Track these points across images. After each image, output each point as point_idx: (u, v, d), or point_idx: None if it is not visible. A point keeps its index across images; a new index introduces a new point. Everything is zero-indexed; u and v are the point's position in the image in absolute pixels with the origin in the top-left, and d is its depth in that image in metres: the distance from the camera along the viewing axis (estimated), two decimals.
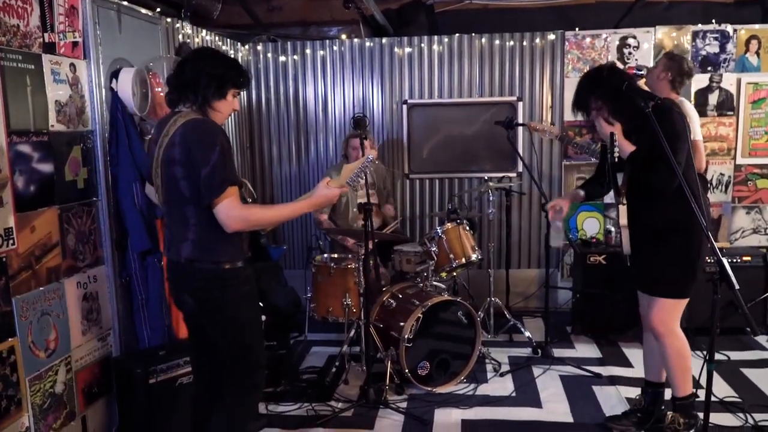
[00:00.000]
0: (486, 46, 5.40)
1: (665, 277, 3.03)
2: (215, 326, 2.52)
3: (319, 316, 4.23)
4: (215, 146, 2.32)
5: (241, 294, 2.51)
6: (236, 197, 2.37)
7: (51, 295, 2.91)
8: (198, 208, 2.38)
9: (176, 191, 2.40)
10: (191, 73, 2.43)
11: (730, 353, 4.29)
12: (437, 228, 4.27)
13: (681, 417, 3.15)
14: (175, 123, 2.39)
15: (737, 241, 5.34)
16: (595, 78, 3.06)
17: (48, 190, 2.89)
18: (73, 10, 3.06)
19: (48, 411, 2.88)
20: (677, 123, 2.87)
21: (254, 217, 2.44)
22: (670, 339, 3.05)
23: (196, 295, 2.51)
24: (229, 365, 2.57)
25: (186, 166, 2.34)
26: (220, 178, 2.31)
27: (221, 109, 2.50)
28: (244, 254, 2.53)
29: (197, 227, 2.42)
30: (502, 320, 4.74)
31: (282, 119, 5.68)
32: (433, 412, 3.58)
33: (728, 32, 5.16)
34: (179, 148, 2.35)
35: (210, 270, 2.44)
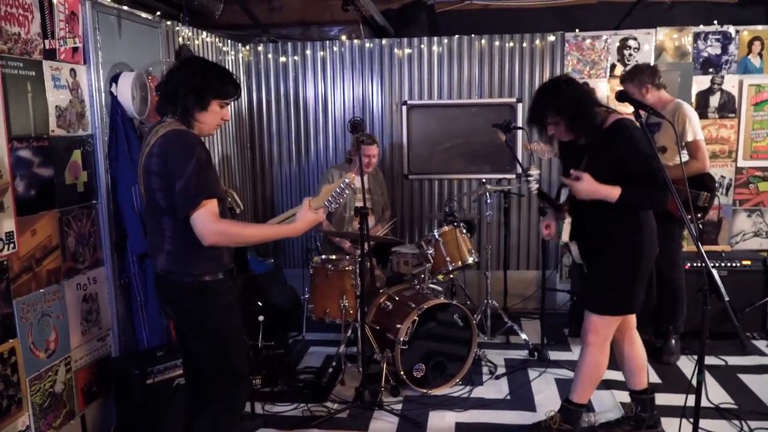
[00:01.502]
0: (486, 47, 5.41)
1: (606, 294, 3.05)
2: (195, 337, 2.53)
3: (317, 316, 4.26)
4: (191, 158, 2.30)
5: (220, 306, 2.49)
6: (212, 210, 2.33)
7: (51, 296, 2.96)
8: (174, 219, 2.36)
9: (154, 202, 2.39)
10: (172, 83, 2.42)
11: (728, 358, 4.30)
12: (434, 231, 4.30)
13: (561, 419, 3.22)
14: (156, 133, 2.39)
15: (738, 245, 5.34)
16: (552, 90, 2.98)
17: (48, 194, 2.93)
18: (73, 16, 3.10)
19: (48, 410, 2.93)
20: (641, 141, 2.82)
21: (230, 233, 2.39)
22: (593, 349, 3.09)
23: (174, 307, 2.53)
24: (209, 374, 2.57)
25: (162, 177, 2.33)
26: (195, 191, 2.29)
27: (204, 120, 2.47)
28: (224, 266, 2.51)
29: (173, 239, 2.41)
30: (500, 322, 4.77)
31: (282, 120, 5.72)
32: (427, 414, 3.62)
33: (730, 33, 5.16)
34: (156, 159, 2.34)
35: (187, 282, 2.43)
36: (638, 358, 3.24)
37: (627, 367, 3.29)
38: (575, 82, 3.00)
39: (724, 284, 4.43)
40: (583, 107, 2.89)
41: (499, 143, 4.51)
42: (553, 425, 3.23)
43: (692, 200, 4.07)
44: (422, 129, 5.61)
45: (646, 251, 2.97)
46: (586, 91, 3.00)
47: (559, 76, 3.09)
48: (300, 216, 2.53)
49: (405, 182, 5.65)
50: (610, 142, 2.88)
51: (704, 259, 2.21)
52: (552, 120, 2.96)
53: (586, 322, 3.10)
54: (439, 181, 5.64)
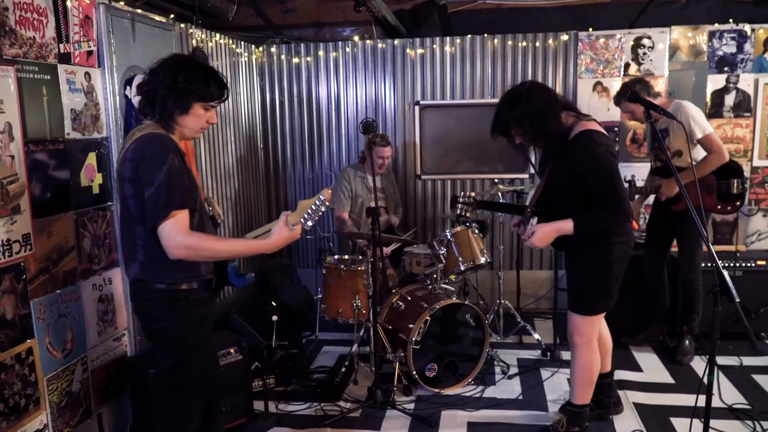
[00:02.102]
0: (498, 47, 5.41)
1: (573, 293, 3.12)
2: (161, 347, 2.47)
3: (330, 316, 4.29)
4: (163, 165, 2.18)
5: (190, 317, 2.39)
6: (181, 222, 2.21)
7: (67, 297, 3.00)
8: (144, 228, 2.26)
9: (126, 208, 2.31)
10: (152, 83, 2.30)
11: (743, 358, 4.27)
12: (446, 231, 4.30)
13: (567, 422, 3.23)
14: (132, 137, 2.30)
15: (753, 245, 5.29)
16: (511, 101, 2.91)
17: (64, 196, 2.98)
18: (87, 20, 3.14)
19: (65, 409, 2.98)
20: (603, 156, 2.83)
21: (199, 247, 2.25)
22: (582, 350, 3.13)
23: (142, 316, 2.46)
24: (166, 386, 2.50)
25: (134, 184, 2.24)
26: (165, 201, 2.17)
27: (186, 123, 2.35)
28: (200, 276, 2.42)
29: (144, 248, 2.31)
30: (512, 322, 4.77)
31: (295, 120, 5.75)
32: (439, 413, 3.63)
33: (746, 32, 5.11)
34: (129, 164, 2.24)
35: (159, 290, 2.34)
36: (604, 344, 3.35)
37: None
38: (537, 90, 2.91)
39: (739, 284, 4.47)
40: (542, 118, 2.83)
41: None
42: (561, 429, 3.24)
43: (726, 190, 4.07)
44: (435, 129, 5.61)
45: (617, 254, 2.98)
46: (550, 98, 2.90)
47: (522, 84, 2.97)
48: (275, 231, 2.34)
49: (417, 182, 5.66)
50: (572, 153, 2.88)
51: (715, 259, 2.20)
52: (514, 131, 2.95)
53: (569, 324, 3.15)
54: (451, 181, 5.64)
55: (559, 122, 2.87)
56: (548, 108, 2.85)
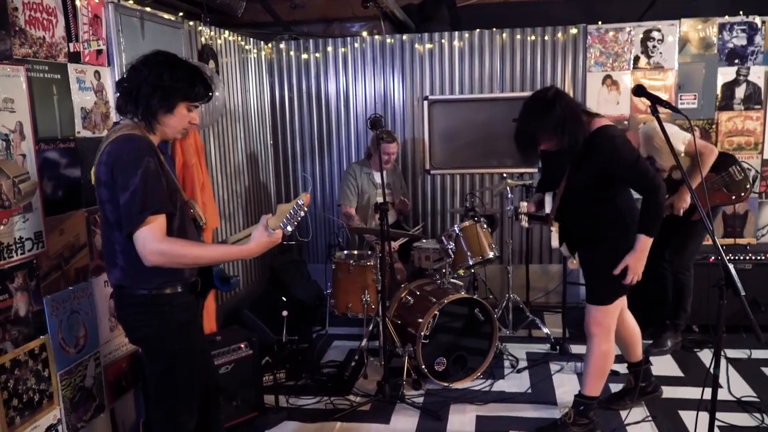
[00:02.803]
0: (507, 41, 5.40)
1: (590, 286, 3.18)
2: (145, 353, 2.43)
3: (339, 311, 4.32)
4: (138, 169, 2.09)
5: (174, 322, 2.33)
6: (157, 227, 2.12)
7: (80, 294, 3.04)
8: (122, 233, 2.17)
9: (103, 214, 2.24)
10: (134, 80, 2.20)
11: (752, 351, 4.26)
12: (455, 226, 4.32)
13: (575, 414, 3.27)
14: (108, 138, 2.21)
15: (764, 237, 5.26)
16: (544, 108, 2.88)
17: (75, 194, 3.01)
18: (96, 19, 3.18)
19: (78, 404, 3.02)
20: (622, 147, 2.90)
21: (176, 253, 2.14)
22: (599, 340, 3.17)
23: (126, 323, 2.39)
24: (153, 387, 2.45)
25: (110, 189, 2.15)
26: (140, 206, 2.09)
27: (169, 123, 2.27)
28: (184, 280, 2.34)
29: (123, 254, 2.23)
30: (522, 316, 4.78)
31: (304, 116, 5.77)
32: (448, 407, 3.65)
33: (756, 24, 5.07)
34: (104, 167, 2.15)
35: (142, 296, 2.26)
36: (632, 334, 3.43)
37: (622, 344, 3.46)
38: (562, 96, 2.92)
39: (750, 277, 4.49)
40: (571, 124, 2.85)
41: None
42: (568, 421, 3.26)
43: (730, 180, 4.14)
44: (443, 124, 5.62)
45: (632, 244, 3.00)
46: (573, 103, 2.96)
47: (545, 91, 2.95)
48: (255, 236, 2.21)
49: (426, 177, 5.67)
50: (591, 151, 2.91)
51: (720, 252, 2.20)
52: (542, 138, 2.96)
53: (587, 315, 3.19)
54: (460, 176, 5.65)
55: (584, 126, 2.90)
56: (574, 113, 2.88)
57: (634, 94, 2.60)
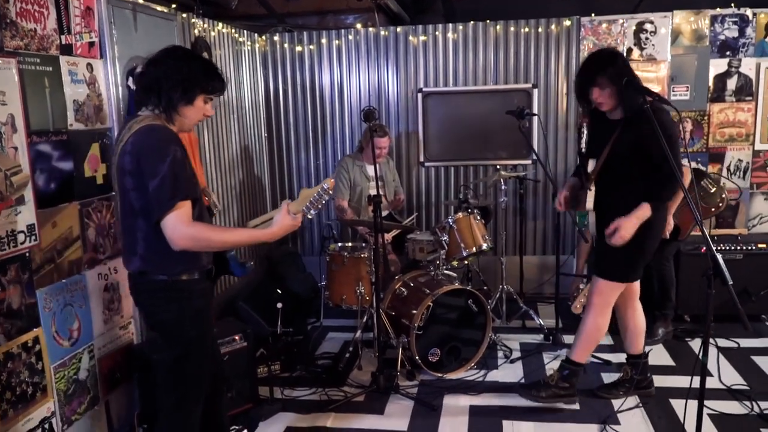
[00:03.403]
0: (501, 33, 5.40)
1: (611, 262, 3.24)
2: (162, 339, 2.47)
3: (334, 303, 4.34)
4: (166, 157, 2.18)
5: (191, 309, 2.41)
6: (185, 212, 2.21)
7: (73, 286, 3.05)
8: (147, 221, 2.26)
9: (127, 202, 2.30)
10: (156, 74, 2.30)
11: (741, 340, 4.30)
12: (448, 218, 4.33)
13: (559, 378, 3.42)
14: (130, 129, 2.28)
15: (755, 227, 5.29)
16: (609, 57, 3.09)
17: (68, 187, 3.01)
18: (88, 11, 3.17)
19: (72, 397, 3.03)
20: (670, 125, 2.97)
21: (203, 237, 2.26)
22: (596, 311, 3.29)
23: (145, 307, 2.48)
24: (163, 376, 2.51)
25: (136, 177, 2.23)
26: (170, 192, 2.17)
27: (188, 114, 2.37)
28: (201, 267, 2.42)
29: (145, 241, 2.31)
30: (515, 307, 4.80)
31: (299, 108, 5.77)
32: (442, 398, 3.67)
33: (747, 16, 5.08)
34: (129, 157, 2.23)
35: (160, 281, 2.34)
36: (639, 325, 3.51)
37: (627, 333, 3.54)
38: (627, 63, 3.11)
39: (741, 268, 4.52)
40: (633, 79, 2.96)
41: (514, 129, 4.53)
42: (551, 382, 3.41)
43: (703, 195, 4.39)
44: (438, 116, 5.62)
45: (655, 230, 3.14)
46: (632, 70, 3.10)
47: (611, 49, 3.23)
48: (277, 220, 2.37)
49: (421, 169, 5.68)
50: (640, 120, 2.94)
51: (708, 242, 2.22)
52: (601, 83, 3.05)
53: (592, 285, 3.32)
54: (454, 168, 5.66)
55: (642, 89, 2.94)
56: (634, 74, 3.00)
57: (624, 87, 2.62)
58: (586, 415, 3.42)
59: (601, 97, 3.10)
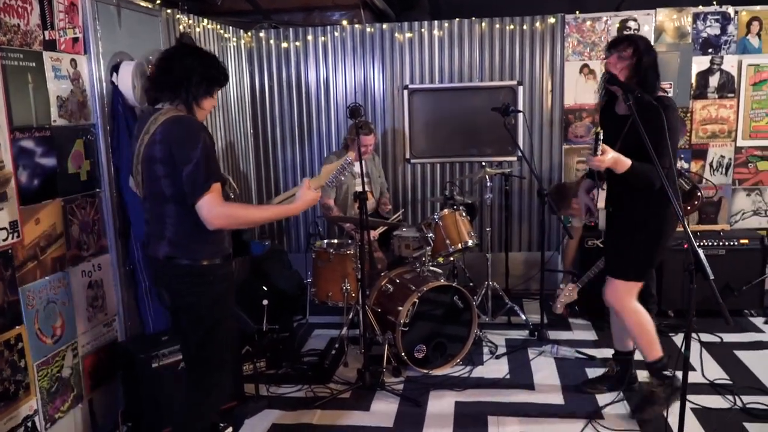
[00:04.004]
0: (486, 30, 5.41)
1: (626, 261, 3.22)
2: (189, 322, 2.58)
3: (319, 300, 4.34)
4: (197, 143, 2.34)
5: (216, 291, 2.54)
6: (218, 194, 2.38)
7: (56, 284, 3.03)
8: (177, 205, 2.41)
9: (157, 189, 2.44)
10: (182, 71, 2.45)
11: (725, 335, 4.35)
12: (434, 214, 4.34)
13: (655, 380, 3.31)
14: (156, 121, 2.42)
15: (737, 223, 5.36)
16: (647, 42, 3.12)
17: (51, 184, 2.99)
18: (72, 6, 3.14)
19: (55, 395, 3.01)
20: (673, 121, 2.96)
21: (237, 215, 2.47)
22: (627, 314, 3.26)
23: (171, 291, 2.58)
24: (194, 360, 2.63)
25: (167, 165, 2.37)
26: (205, 176, 2.33)
27: (206, 106, 2.56)
28: (224, 251, 2.57)
29: (174, 226, 2.46)
30: (501, 303, 4.83)
31: (284, 105, 5.75)
32: (428, 394, 3.69)
33: (729, 14, 5.14)
34: (160, 146, 2.38)
35: (187, 266, 2.48)
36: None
37: (615, 330, 3.56)
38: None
39: (723, 263, 4.57)
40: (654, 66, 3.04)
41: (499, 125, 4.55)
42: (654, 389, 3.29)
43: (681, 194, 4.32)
44: (423, 113, 5.63)
45: (669, 227, 3.12)
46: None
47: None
48: (300, 195, 2.62)
49: (407, 166, 5.69)
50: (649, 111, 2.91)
51: (690, 238, 2.24)
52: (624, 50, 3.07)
53: (611, 290, 3.27)
54: (440, 165, 5.67)
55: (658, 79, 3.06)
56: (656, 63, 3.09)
57: (606, 83, 2.64)
58: (571, 410, 3.44)
59: (615, 67, 3.08)
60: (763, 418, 3.28)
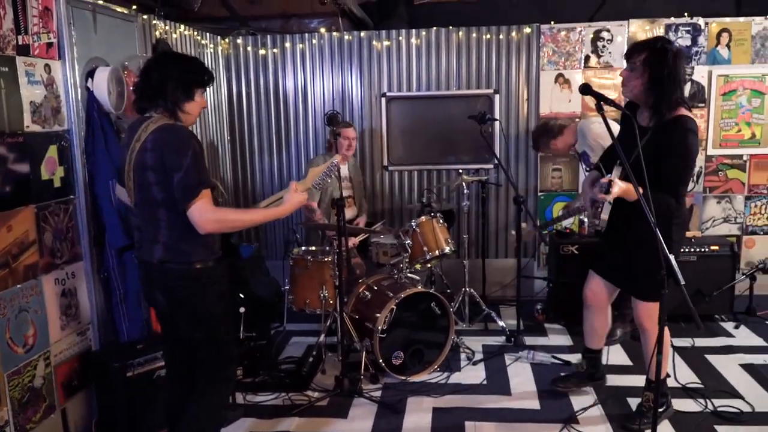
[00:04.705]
0: (463, 39, 5.46)
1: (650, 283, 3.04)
2: (189, 325, 2.61)
3: (297, 307, 4.32)
4: (187, 150, 2.39)
5: (212, 292, 2.60)
6: (209, 200, 2.43)
7: (29, 292, 2.98)
8: (170, 211, 2.46)
9: (149, 195, 2.47)
10: (158, 80, 2.49)
11: (696, 339, 4.42)
12: (412, 221, 4.36)
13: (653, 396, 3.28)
14: (146, 129, 2.45)
15: (708, 230, 5.46)
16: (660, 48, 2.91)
17: (24, 190, 2.95)
18: (47, 11, 3.11)
19: (27, 405, 2.96)
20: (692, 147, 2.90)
21: (227, 219, 2.55)
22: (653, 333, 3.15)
23: (167, 295, 2.60)
24: (202, 359, 2.66)
25: (158, 172, 2.41)
26: (195, 182, 2.38)
27: (191, 110, 2.58)
28: (215, 254, 2.62)
29: (168, 230, 2.50)
30: (478, 309, 4.86)
31: (262, 112, 5.74)
32: (406, 400, 3.69)
33: (700, 25, 5.25)
34: (151, 153, 2.42)
35: (181, 270, 2.53)
36: (606, 325, 3.58)
37: (595, 331, 3.58)
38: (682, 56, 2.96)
39: (695, 269, 4.63)
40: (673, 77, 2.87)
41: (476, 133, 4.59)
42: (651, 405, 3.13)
43: None
44: (401, 120, 5.66)
45: (676, 236, 3.08)
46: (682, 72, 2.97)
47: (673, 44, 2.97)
48: (287, 198, 2.70)
49: (384, 173, 5.71)
50: (668, 131, 2.91)
51: (661, 244, 2.29)
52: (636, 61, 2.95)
53: (645, 313, 3.20)
54: (418, 172, 5.70)
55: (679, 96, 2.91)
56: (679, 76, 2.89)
57: (580, 92, 2.67)
58: (546, 415, 3.47)
59: (630, 78, 2.99)
60: (733, 421, 3.34)
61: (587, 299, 3.49)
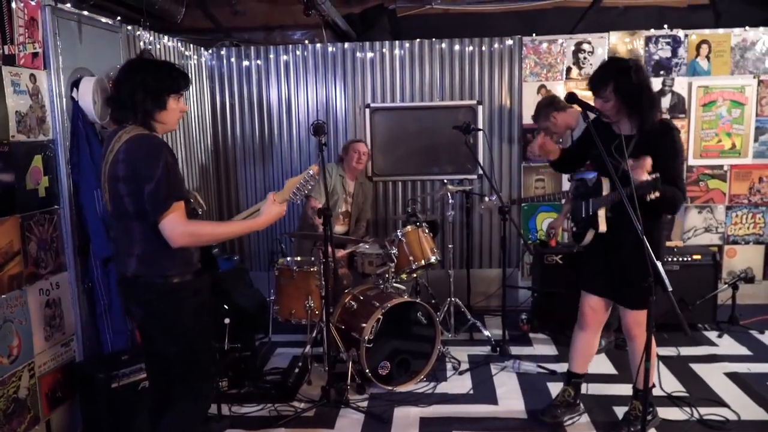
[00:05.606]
0: (446, 51, 5.52)
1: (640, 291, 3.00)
2: (165, 339, 2.55)
3: (283, 318, 4.31)
4: (159, 162, 2.31)
5: (189, 306, 2.52)
6: (181, 212, 2.37)
7: (13, 302, 2.95)
8: (143, 223, 2.38)
9: (122, 207, 2.40)
10: (126, 91, 2.41)
11: (681, 348, 4.47)
12: (397, 231, 4.38)
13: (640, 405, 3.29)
14: (119, 139, 2.39)
15: (690, 240, 5.54)
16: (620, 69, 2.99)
17: (8, 200, 2.93)
18: (32, 21, 3.10)
19: (12, 416, 2.92)
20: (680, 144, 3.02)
21: (200, 233, 2.46)
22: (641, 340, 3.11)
23: (143, 308, 2.54)
24: (178, 373, 2.61)
25: (130, 183, 2.35)
26: (165, 194, 2.31)
27: (165, 119, 2.49)
28: (193, 266, 2.55)
29: (142, 243, 2.42)
30: (463, 319, 4.87)
31: (246, 123, 5.75)
32: (392, 410, 3.68)
33: (680, 37, 5.36)
34: (123, 165, 2.35)
35: (157, 284, 2.45)
36: (593, 348, 3.50)
37: (582, 353, 3.50)
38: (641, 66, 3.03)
39: (677, 278, 4.69)
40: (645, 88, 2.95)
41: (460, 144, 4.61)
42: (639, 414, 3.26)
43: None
44: (385, 131, 5.69)
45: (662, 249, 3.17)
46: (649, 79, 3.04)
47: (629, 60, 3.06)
48: (264, 210, 2.58)
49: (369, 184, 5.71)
50: (656, 137, 2.97)
51: (648, 250, 2.32)
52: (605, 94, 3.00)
53: (635, 322, 3.20)
54: (402, 183, 5.73)
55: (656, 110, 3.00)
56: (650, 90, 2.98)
57: (566, 101, 2.71)
58: (533, 425, 3.49)
59: (604, 108, 3.04)
60: (720, 430, 3.38)
61: (586, 317, 3.39)
